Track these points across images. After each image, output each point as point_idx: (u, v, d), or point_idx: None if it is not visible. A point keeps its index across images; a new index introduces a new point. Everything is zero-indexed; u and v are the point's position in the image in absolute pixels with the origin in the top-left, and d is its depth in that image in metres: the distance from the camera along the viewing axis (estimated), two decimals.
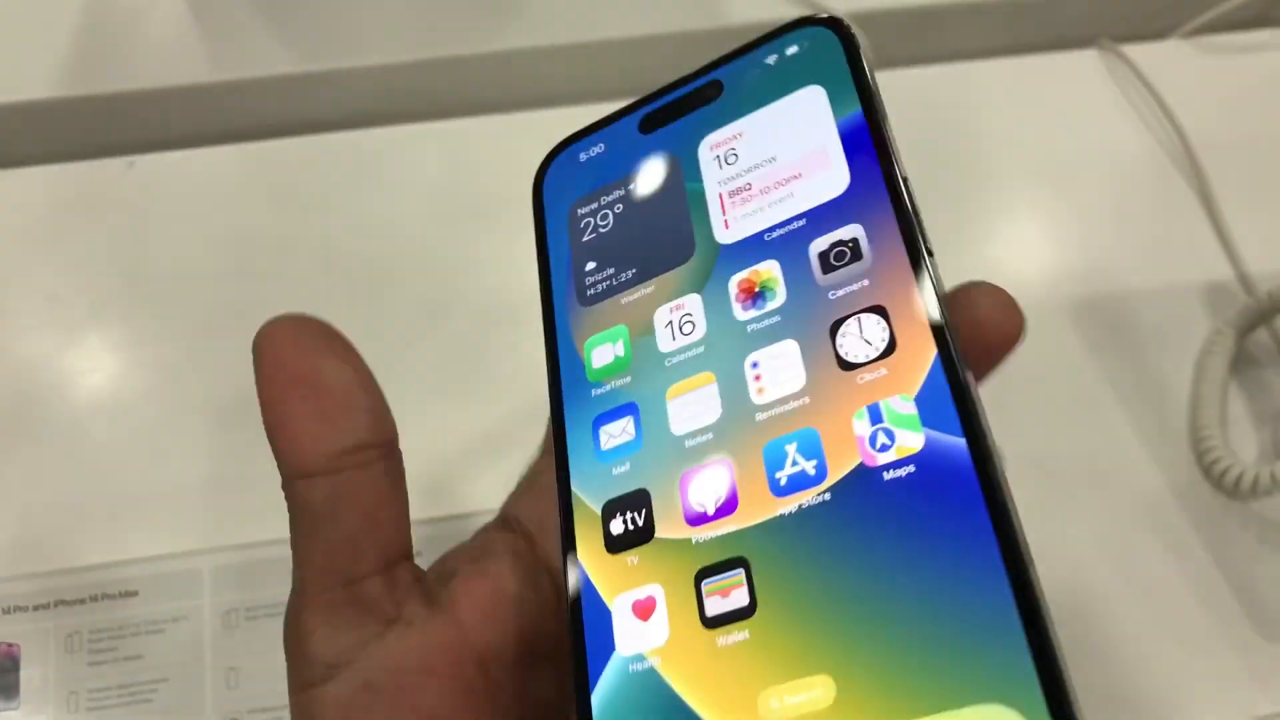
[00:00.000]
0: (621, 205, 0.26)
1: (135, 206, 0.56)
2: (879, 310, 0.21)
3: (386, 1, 0.61)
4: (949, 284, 0.22)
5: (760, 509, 0.20)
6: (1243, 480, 0.46)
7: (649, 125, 0.26)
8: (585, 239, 0.26)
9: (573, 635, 0.21)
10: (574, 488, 0.22)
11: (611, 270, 0.25)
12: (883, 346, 0.21)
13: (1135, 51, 0.61)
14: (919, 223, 0.22)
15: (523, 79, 0.62)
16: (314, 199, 0.56)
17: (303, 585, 0.23)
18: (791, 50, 0.25)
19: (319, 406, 0.22)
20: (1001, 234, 0.56)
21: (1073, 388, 0.51)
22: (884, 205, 0.22)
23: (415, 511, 0.24)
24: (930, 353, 0.20)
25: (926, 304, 0.21)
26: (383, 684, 0.22)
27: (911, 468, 0.19)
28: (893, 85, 0.61)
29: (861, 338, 0.21)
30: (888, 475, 0.19)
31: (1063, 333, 0.52)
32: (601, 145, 0.27)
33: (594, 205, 0.26)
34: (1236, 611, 0.46)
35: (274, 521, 0.46)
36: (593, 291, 0.25)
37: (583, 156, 0.27)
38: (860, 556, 0.19)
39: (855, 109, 0.24)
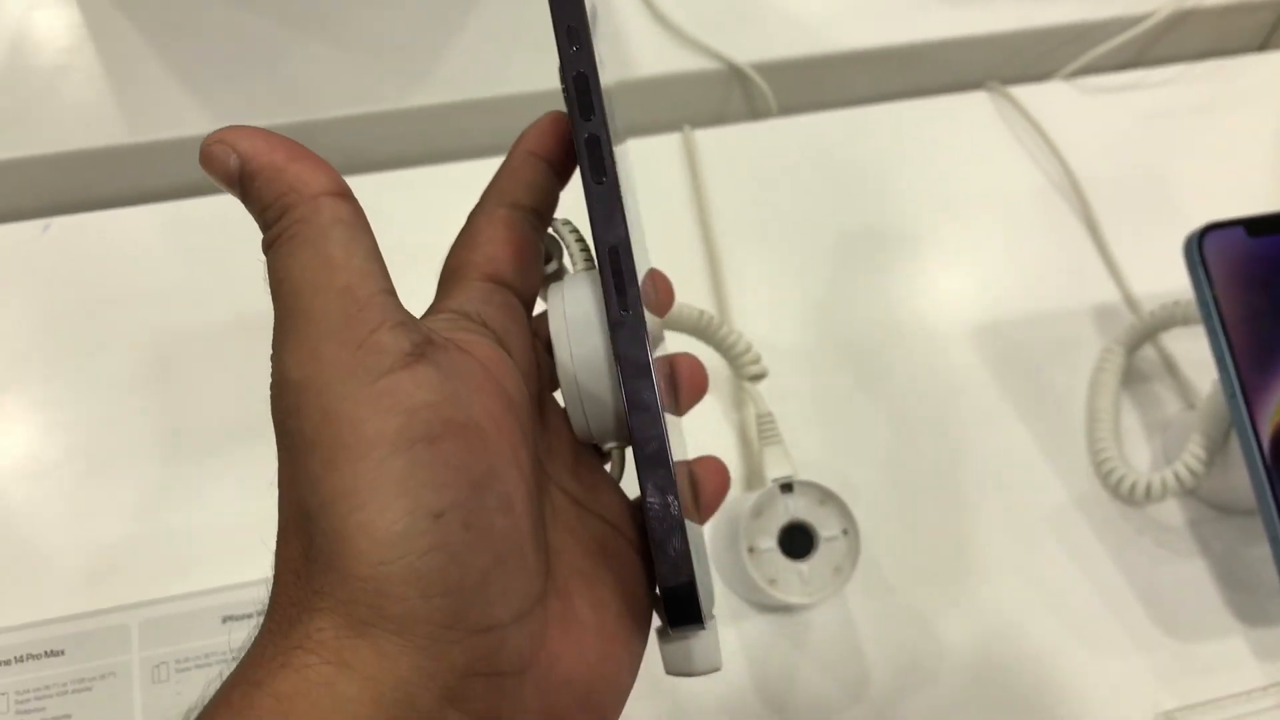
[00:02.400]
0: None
1: (52, 269, 0.56)
2: None
3: (299, 62, 0.62)
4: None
5: None
6: (1136, 488, 0.49)
7: None
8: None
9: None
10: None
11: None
12: None
13: (1022, 93, 0.64)
14: None
15: (438, 133, 0.63)
16: (232, 256, 0.57)
17: (347, 288, 0.23)
18: None
19: (306, 154, 0.24)
20: (905, 267, 0.59)
21: (976, 408, 0.54)
22: None
23: None
24: None
25: None
26: (458, 379, 0.23)
27: None
28: (795, 131, 0.64)
29: None
30: None
31: (965, 357, 0.55)
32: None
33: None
34: (1140, 612, 0.48)
35: (201, 573, 0.46)
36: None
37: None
38: None
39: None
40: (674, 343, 0.51)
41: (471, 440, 0.22)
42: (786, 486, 0.45)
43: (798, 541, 0.44)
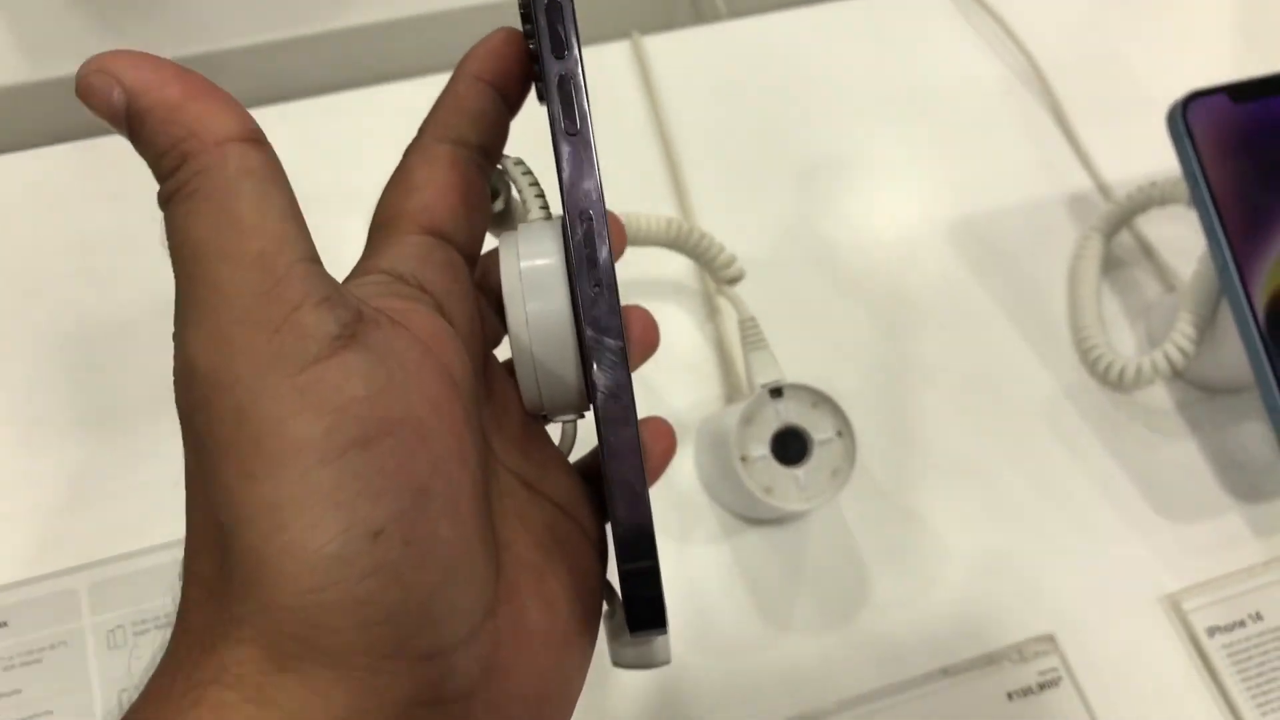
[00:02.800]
0: None
1: None
2: None
3: None
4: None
5: None
6: (1126, 373, 0.48)
7: None
8: None
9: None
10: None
11: None
12: None
13: None
14: None
15: (364, 55, 0.59)
16: (152, 193, 0.53)
17: (260, 255, 0.19)
18: None
19: (206, 88, 0.20)
20: (872, 169, 0.56)
21: (958, 306, 0.52)
22: None
23: None
24: None
25: None
26: (393, 363, 0.20)
27: None
28: (748, 34, 0.61)
29: None
30: None
31: (942, 256, 0.53)
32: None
33: None
34: (1136, 498, 0.47)
35: (155, 527, 0.43)
36: None
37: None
38: None
39: None
40: (641, 256, 0.48)
41: (410, 438, 0.19)
42: (776, 391, 0.43)
43: (791, 447, 0.42)
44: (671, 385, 0.49)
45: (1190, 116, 0.44)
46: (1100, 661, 0.43)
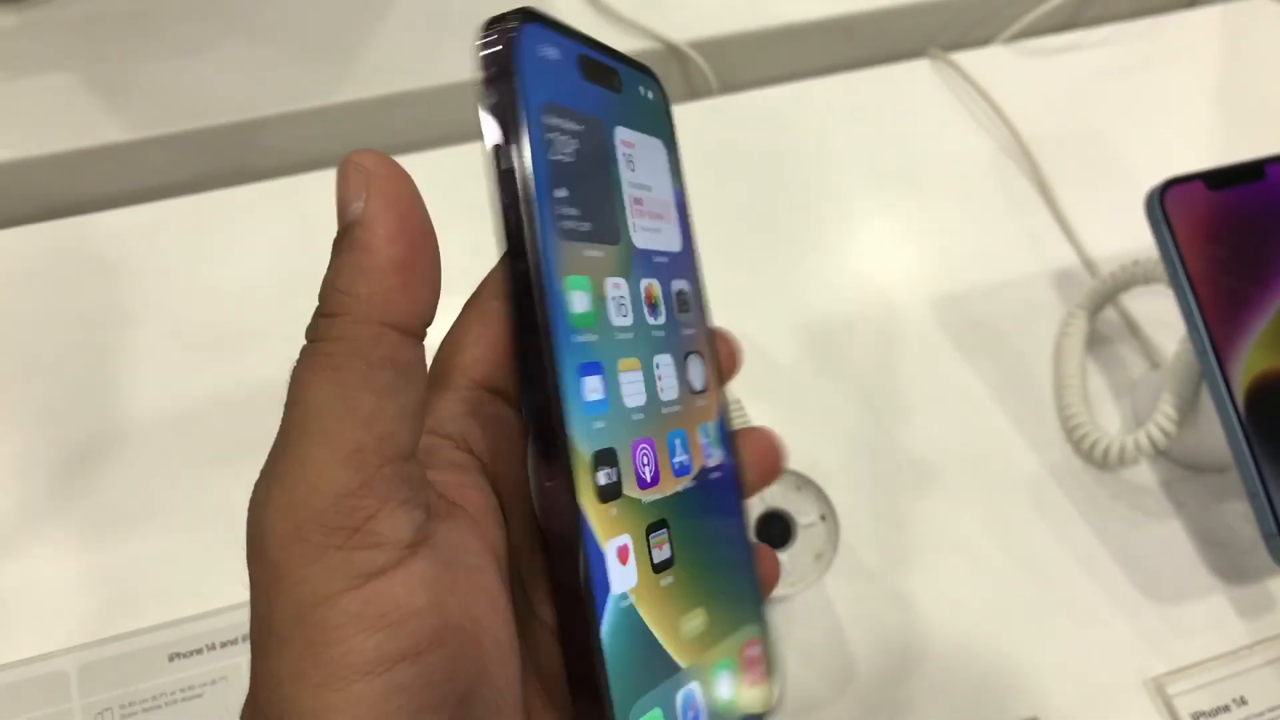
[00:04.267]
0: (578, 143, 0.23)
1: None
2: (700, 355, 0.27)
3: (215, 63, 0.59)
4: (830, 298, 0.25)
5: (668, 484, 0.25)
6: (1110, 451, 0.48)
7: (587, 73, 0.24)
8: (554, 157, 0.22)
9: (580, 573, 0.21)
10: (570, 430, 0.22)
11: (575, 213, 0.23)
12: (704, 383, 0.27)
13: (963, 58, 0.63)
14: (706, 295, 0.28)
15: (362, 130, 0.60)
16: (153, 269, 0.53)
17: (358, 453, 0.19)
18: (649, 93, 0.27)
19: (433, 269, 0.21)
20: (857, 243, 0.57)
21: (943, 382, 0.52)
22: (695, 273, 0.28)
23: None
24: (716, 396, 0.28)
25: (714, 362, 0.28)
26: (458, 564, 0.20)
27: (720, 473, 0.27)
28: (737, 109, 0.62)
29: (699, 372, 0.27)
30: (712, 476, 0.27)
31: (927, 331, 0.54)
32: (558, 53, 0.23)
33: (561, 123, 0.23)
34: (1120, 578, 0.47)
35: (144, 610, 0.43)
36: (562, 225, 0.22)
37: (543, 52, 0.23)
38: (707, 528, 0.26)
39: (680, 181, 0.28)
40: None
41: (463, 643, 0.20)
42: None
43: (774, 531, 0.43)
44: None
45: (1168, 203, 0.45)
46: None
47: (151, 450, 0.48)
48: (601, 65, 0.25)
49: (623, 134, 0.25)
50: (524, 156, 0.21)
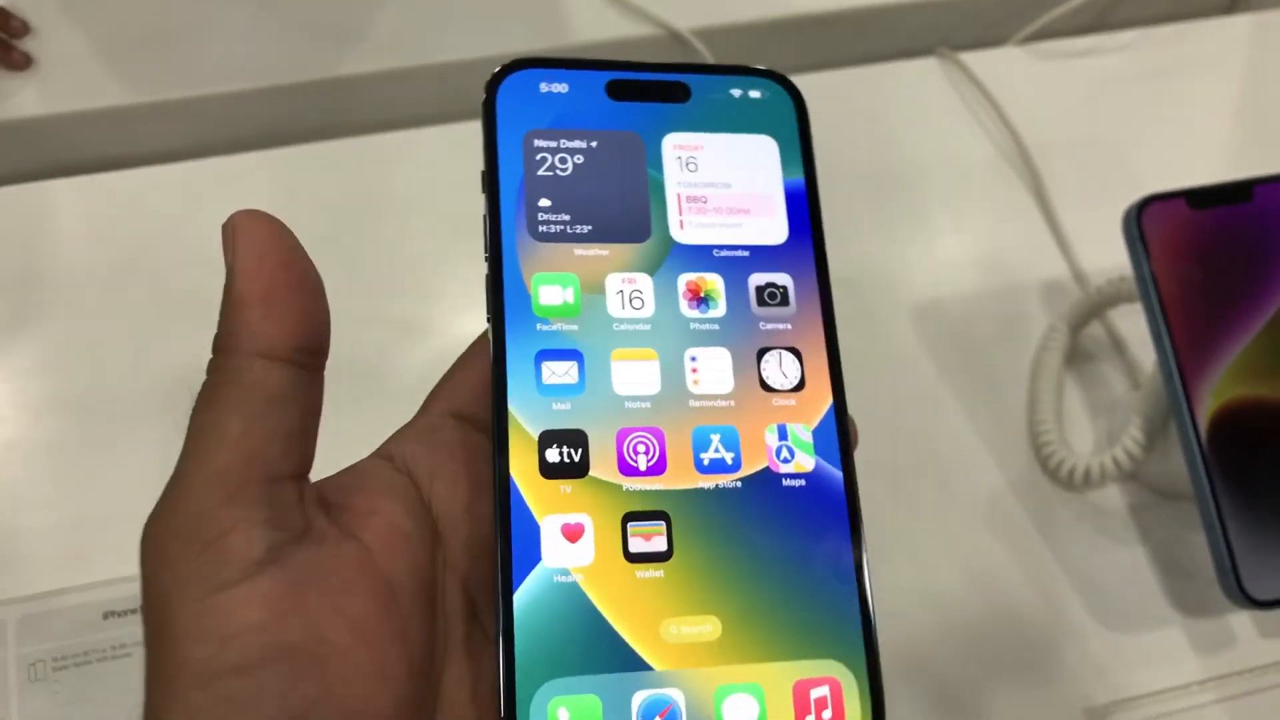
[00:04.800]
0: (584, 158, 0.26)
1: None
2: (796, 352, 0.26)
3: (217, 31, 0.60)
4: None
5: (684, 478, 0.24)
6: (1075, 472, 0.47)
7: (617, 93, 0.27)
8: (541, 173, 0.26)
9: (499, 541, 0.23)
10: (511, 409, 0.24)
11: (567, 217, 0.26)
12: (795, 382, 0.26)
13: (973, 59, 0.62)
14: (830, 291, 0.27)
15: (365, 104, 0.61)
16: (145, 233, 0.55)
17: (222, 473, 0.21)
18: (754, 93, 0.28)
19: (300, 299, 0.23)
20: (845, 240, 0.56)
21: (914, 386, 0.51)
22: (810, 268, 0.27)
23: None
24: (827, 400, 0.26)
25: (830, 361, 0.26)
26: (311, 585, 0.21)
27: (802, 481, 0.25)
28: None
29: (780, 369, 0.26)
30: (785, 482, 0.25)
31: (905, 333, 0.53)
32: (564, 85, 0.27)
33: (554, 144, 0.26)
34: (1074, 602, 0.46)
35: (83, 567, 0.44)
36: (545, 229, 0.26)
37: (543, 87, 0.27)
38: (756, 536, 0.24)
39: (799, 174, 0.28)
40: None
41: (303, 664, 0.20)
42: None
43: None
44: None
45: (1146, 220, 0.44)
46: None
47: (116, 410, 0.49)
48: (649, 83, 0.27)
49: (678, 139, 0.27)
50: (494, 176, 0.26)
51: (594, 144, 0.27)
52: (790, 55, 0.64)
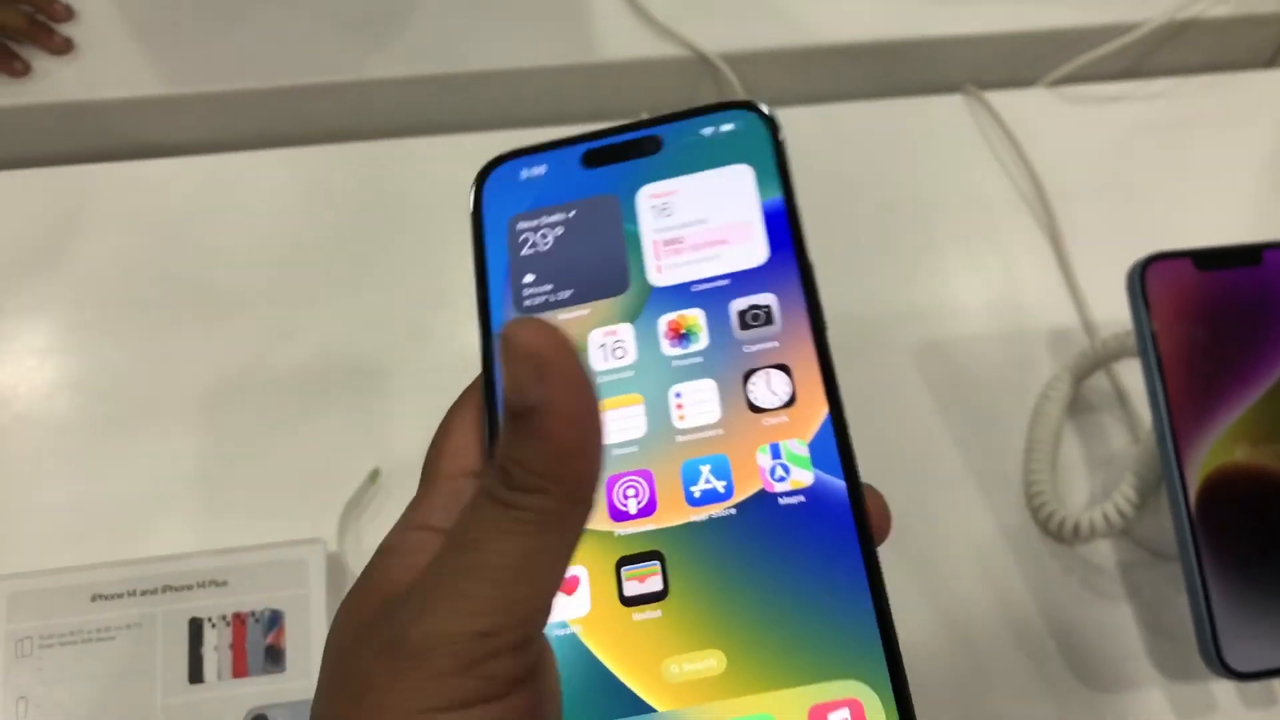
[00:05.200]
0: (563, 229, 0.28)
1: None
2: (784, 369, 0.26)
3: (253, 28, 0.61)
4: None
5: (676, 514, 0.24)
6: (1065, 525, 0.46)
7: (591, 161, 0.28)
8: (524, 253, 0.28)
9: None
10: None
11: (550, 287, 0.27)
12: (786, 398, 0.25)
13: (999, 98, 0.61)
14: (819, 301, 0.27)
15: (390, 108, 0.62)
16: (168, 222, 0.56)
17: (514, 607, 0.20)
18: (726, 127, 0.28)
19: (598, 441, 0.21)
20: (855, 275, 0.56)
21: (910, 425, 0.51)
22: (794, 282, 0.27)
23: (246, 536, 0.24)
24: (823, 410, 0.25)
25: (823, 371, 0.25)
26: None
27: (802, 498, 0.24)
28: None
29: (769, 388, 0.26)
30: (783, 501, 0.24)
31: (904, 371, 0.53)
32: (543, 168, 0.29)
33: (535, 223, 0.28)
34: (1056, 658, 0.46)
35: (76, 548, 0.45)
36: (530, 303, 0.27)
37: (524, 174, 0.29)
38: (756, 561, 0.24)
39: (777, 194, 0.28)
40: None
41: None
42: None
43: None
44: None
45: (1150, 277, 0.43)
46: None
47: (126, 395, 0.50)
48: (621, 145, 0.28)
49: (652, 189, 0.28)
50: (482, 264, 0.28)
51: (572, 214, 0.28)
52: (816, 84, 0.64)
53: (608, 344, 0.27)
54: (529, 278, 0.27)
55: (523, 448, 0.21)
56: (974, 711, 0.44)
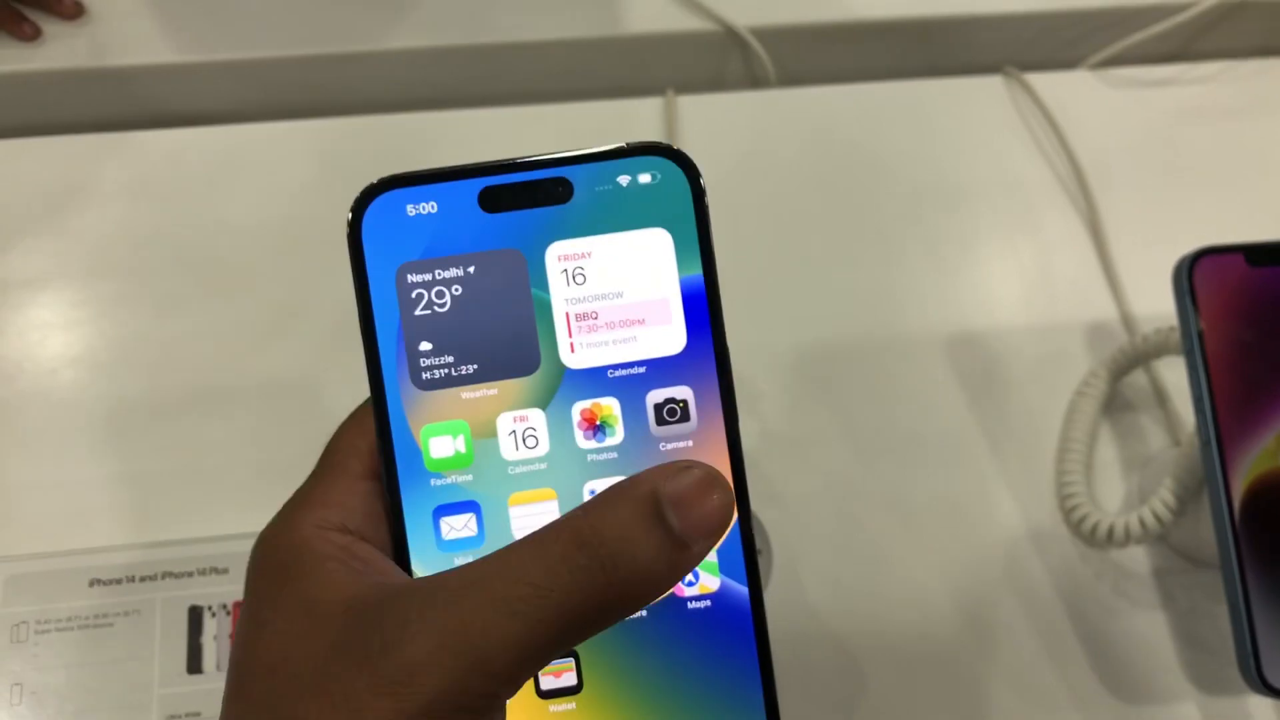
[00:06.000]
0: (461, 289, 0.25)
1: None
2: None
3: None
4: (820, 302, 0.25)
5: None
6: (1099, 529, 0.45)
7: (491, 203, 0.25)
8: (419, 313, 0.25)
9: None
10: (415, 570, 0.24)
11: (451, 359, 0.25)
12: None
13: (1040, 80, 0.59)
14: (733, 394, 0.25)
15: (408, 80, 0.60)
16: (178, 194, 0.54)
17: (492, 666, 0.20)
18: (644, 178, 0.26)
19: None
20: (888, 262, 0.54)
21: (941, 422, 0.49)
22: (710, 373, 0.26)
23: (249, 523, 0.26)
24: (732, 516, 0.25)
25: (734, 473, 0.25)
26: None
27: (708, 602, 0.25)
28: (791, 104, 0.60)
29: None
30: (690, 605, 0.25)
31: (938, 366, 0.51)
32: (433, 204, 0.25)
33: (429, 277, 0.25)
34: (1083, 664, 0.44)
35: (76, 532, 0.44)
36: (429, 376, 0.25)
37: (410, 210, 0.25)
38: (664, 659, 0.25)
39: (697, 270, 0.26)
40: None
41: None
42: None
43: None
44: None
45: (1198, 273, 0.41)
46: None
47: (132, 373, 0.49)
48: (524, 186, 0.25)
49: (563, 248, 0.25)
50: (369, 321, 0.25)
51: (471, 269, 0.25)
52: (849, 62, 0.62)
53: (518, 431, 0.25)
54: (425, 345, 0.25)
55: (647, 546, 0.21)
56: (995, 717, 0.43)
